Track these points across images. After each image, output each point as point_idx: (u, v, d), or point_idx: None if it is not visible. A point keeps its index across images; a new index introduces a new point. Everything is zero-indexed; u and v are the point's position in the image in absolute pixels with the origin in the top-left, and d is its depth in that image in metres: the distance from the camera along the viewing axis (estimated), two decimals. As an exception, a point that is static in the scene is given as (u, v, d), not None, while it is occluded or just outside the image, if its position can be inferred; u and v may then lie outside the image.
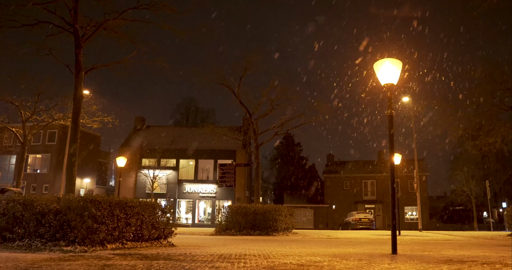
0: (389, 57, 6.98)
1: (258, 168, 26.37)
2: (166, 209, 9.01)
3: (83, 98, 17.72)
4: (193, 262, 5.15)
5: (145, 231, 8.18)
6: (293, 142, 63.25)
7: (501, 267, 4.83)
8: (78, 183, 39.63)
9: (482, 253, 6.93)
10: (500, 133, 22.87)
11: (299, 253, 6.69)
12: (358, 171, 48.36)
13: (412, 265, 4.98)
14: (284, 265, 4.87)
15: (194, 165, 41.97)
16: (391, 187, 6.70)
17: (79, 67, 15.59)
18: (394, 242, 6.48)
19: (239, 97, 26.56)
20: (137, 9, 16.42)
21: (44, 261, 5.20)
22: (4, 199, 7.72)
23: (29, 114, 28.17)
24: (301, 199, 49.72)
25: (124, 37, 16.99)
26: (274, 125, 27.88)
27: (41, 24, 15.92)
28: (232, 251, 7.05)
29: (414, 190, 30.19)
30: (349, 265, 4.90)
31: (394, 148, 6.88)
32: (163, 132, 45.28)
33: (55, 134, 42.35)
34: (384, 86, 6.97)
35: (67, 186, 14.83)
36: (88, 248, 6.68)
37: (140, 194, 39.08)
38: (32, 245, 6.94)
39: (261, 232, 14.98)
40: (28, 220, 7.26)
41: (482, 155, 34.17)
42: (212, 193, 40.73)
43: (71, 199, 7.26)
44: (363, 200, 46.88)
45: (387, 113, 6.82)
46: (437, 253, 6.92)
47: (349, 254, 6.46)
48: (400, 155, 20.56)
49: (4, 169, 42.19)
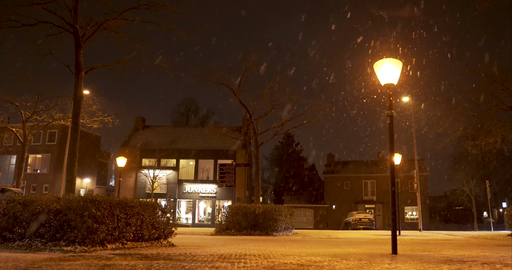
0: (389, 57, 6.98)
1: (258, 168, 26.36)
2: (166, 209, 9.01)
3: (83, 98, 17.70)
4: (193, 262, 5.15)
5: (145, 231, 8.18)
6: (293, 142, 63.25)
7: (501, 267, 4.83)
8: (78, 183, 39.65)
9: (482, 253, 6.93)
10: (500, 133, 22.87)
11: (299, 253, 6.69)
12: (358, 171, 48.35)
13: (412, 265, 4.98)
14: (284, 265, 4.87)
15: (194, 165, 41.96)
16: (391, 187, 6.70)
17: (79, 67, 15.58)
18: (394, 242, 6.48)
19: (239, 97, 26.55)
20: (137, 9, 16.41)
21: (44, 261, 5.20)
22: (4, 199, 7.73)
23: (29, 114, 28.18)
24: (301, 199, 49.71)
25: (124, 37, 16.99)
26: (274, 125, 27.88)
27: (41, 24, 15.90)
28: (232, 251, 7.05)
29: (414, 190, 30.18)
30: (349, 265, 4.90)
31: (394, 148, 6.88)
32: (163, 132, 45.27)
33: (55, 134, 42.36)
34: (384, 86, 6.97)
35: (67, 186, 14.81)
36: (88, 248, 6.68)
37: (140, 194, 39.07)
38: (32, 245, 6.94)
39: (261, 232, 14.97)
40: (28, 220, 7.26)
41: (482, 155, 34.18)
42: (212, 193, 40.73)
43: (71, 199, 7.26)
44: (363, 200, 46.87)
45: (387, 113, 6.82)
46: (437, 253, 6.92)
47: (349, 254, 6.46)
48: (400, 155, 20.57)
49: (4, 169, 42.20)
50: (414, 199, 36.78)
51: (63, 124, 31.55)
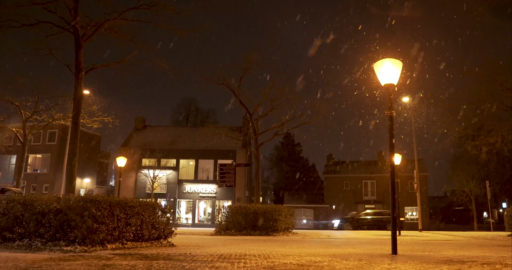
0: (389, 57, 6.97)
1: (258, 168, 26.36)
2: (166, 209, 9.01)
3: (83, 98, 17.71)
4: (193, 262, 5.15)
5: (145, 231, 8.18)
6: (293, 142, 63.29)
7: (501, 267, 4.83)
8: (78, 183, 39.63)
9: (482, 253, 6.93)
10: (500, 133, 22.86)
11: (299, 253, 6.69)
12: (358, 171, 48.33)
13: (412, 265, 4.98)
14: (284, 265, 4.87)
15: (194, 165, 41.97)
16: (391, 187, 6.70)
17: (79, 67, 15.59)
18: (394, 242, 6.47)
19: (239, 97, 26.54)
20: (137, 9, 16.41)
21: (44, 261, 5.20)
22: (4, 199, 7.73)
23: (29, 114, 28.17)
24: (301, 199, 49.71)
25: (124, 37, 16.99)
26: (274, 125, 27.87)
27: (41, 24, 15.91)
28: (232, 251, 7.05)
29: (414, 190, 30.16)
30: (349, 265, 4.90)
31: (394, 148, 6.87)
32: (163, 132, 45.27)
33: (55, 134, 42.34)
34: (384, 86, 6.97)
35: (67, 186, 14.82)
36: (88, 248, 6.68)
37: (140, 194, 39.07)
38: (32, 245, 6.94)
39: (261, 232, 14.97)
40: (28, 220, 7.26)
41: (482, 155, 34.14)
42: (212, 193, 40.73)
43: (71, 199, 7.26)
44: (363, 200, 46.85)
45: (387, 113, 6.81)
46: (437, 253, 6.92)
47: (349, 254, 6.46)
48: (400, 155, 20.56)
49: (4, 169, 42.19)
50: (414, 199, 36.77)
51: (63, 124, 31.55)
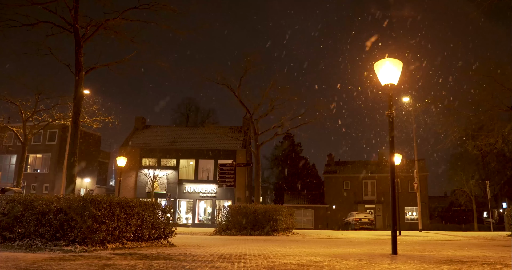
0: (390, 57, 6.97)
1: (258, 168, 26.37)
2: (166, 209, 9.01)
3: (83, 98, 17.72)
4: (193, 262, 5.15)
5: (145, 231, 8.18)
6: (293, 142, 63.26)
7: (501, 267, 4.83)
8: (78, 183, 39.61)
9: (482, 253, 6.93)
10: (500, 133, 22.85)
11: (299, 253, 6.69)
12: (358, 171, 48.28)
13: (412, 265, 4.98)
14: (284, 265, 4.87)
15: (194, 165, 41.96)
16: (391, 187, 6.70)
17: (79, 67, 15.60)
18: (394, 242, 6.47)
19: (239, 97, 26.56)
20: (137, 9, 16.43)
21: (45, 260, 5.20)
22: (4, 199, 7.73)
23: (30, 114, 28.17)
24: (301, 199, 49.70)
25: (125, 37, 17.00)
26: (274, 125, 27.90)
27: (41, 24, 15.93)
28: (232, 251, 7.05)
29: (414, 190, 30.17)
30: (349, 265, 4.90)
31: (394, 148, 6.88)
32: (163, 132, 45.26)
33: (56, 134, 42.33)
34: (384, 86, 6.97)
35: (67, 186, 14.83)
36: (88, 248, 6.68)
37: (140, 194, 39.06)
38: (32, 245, 6.94)
39: (261, 232, 14.97)
40: (29, 220, 7.26)
41: (482, 155, 34.17)
42: (212, 193, 40.73)
43: (72, 198, 7.26)
44: (363, 200, 46.84)
45: (387, 113, 6.81)
46: (437, 253, 6.92)
47: (349, 254, 6.46)
48: (400, 155, 20.56)
49: (5, 169, 42.18)
50: (414, 199, 36.77)
51: (63, 124, 31.52)
